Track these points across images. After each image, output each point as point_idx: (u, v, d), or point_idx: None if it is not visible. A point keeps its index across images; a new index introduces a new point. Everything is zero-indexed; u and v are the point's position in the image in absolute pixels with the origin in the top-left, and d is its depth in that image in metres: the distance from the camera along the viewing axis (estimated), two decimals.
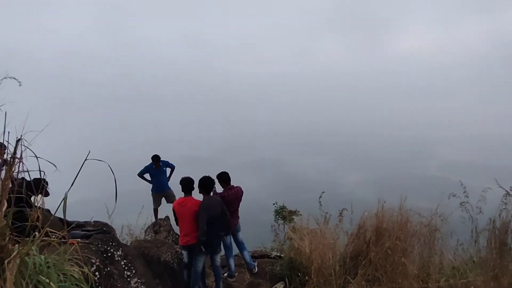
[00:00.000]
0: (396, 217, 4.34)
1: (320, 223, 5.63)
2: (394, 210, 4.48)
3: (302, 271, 4.52)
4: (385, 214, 4.64)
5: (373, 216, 4.51)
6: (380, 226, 4.48)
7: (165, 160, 6.50)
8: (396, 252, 4.00)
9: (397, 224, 4.24)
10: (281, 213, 8.51)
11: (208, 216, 4.31)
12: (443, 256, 4.92)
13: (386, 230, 4.23)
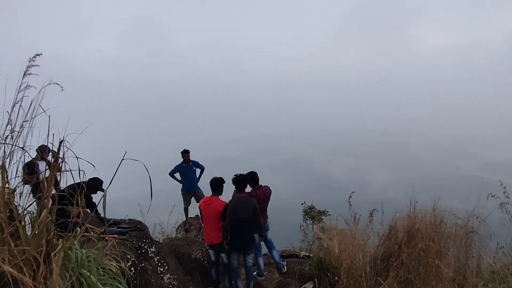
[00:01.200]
0: (429, 218, 4.20)
1: (349, 224, 5.56)
2: (427, 211, 4.34)
3: (331, 272, 4.49)
4: (417, 214, 4.51)
5: (405, 217, 4.39)
6: (412, 227, 4.36)
7: (195, 161, 6.69)
8: (429, 254, 3.87)
9: (430, 225, 4.10)
10: (310, 213, 8.46)
11: (235, 216, 4.38)
12: (481, 260, 4.72)
13: (419, 231, 4.11)
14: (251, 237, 4.62)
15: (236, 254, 4.63)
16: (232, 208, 4.45)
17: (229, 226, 4.40)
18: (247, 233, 4.54)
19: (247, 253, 4.63)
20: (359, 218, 5.74)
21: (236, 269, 4.62)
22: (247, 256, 4.64)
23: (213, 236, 4.54)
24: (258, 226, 4.60)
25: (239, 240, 4.50)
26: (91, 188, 3.95)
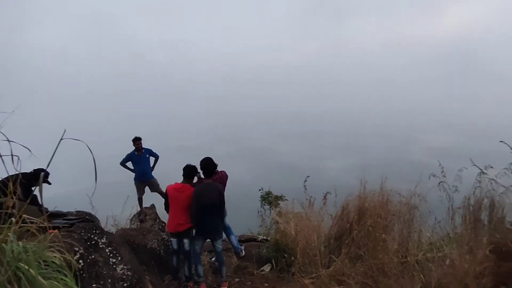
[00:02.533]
0: (377, 197, 4.49)
1: (305, 207, 5.76)
2: (375, 191, 4.63)
3: (288, 253, 4.65)
4: (367, 195, 4.80)
5: (355, 198, 4.65)
6: (362, 206, 4.63)
7: (148, 148, 6.42)
8: (377, 230, 4.16)
9: (378, 204, 4.39)
10: (267, 198, 8.63)
11: (202, 202, 4.34)
12: (422, 233, 5.16)
13: (368, 209, 4.39)
14: (219, 223, 4.62)
15: (201, 240, 4.61)
16: (199, 194, 4.40)
17: (196, 212, 4.36)
18: (215, 218, 4.53)
19: (215, 239, 4.61)
20: (314, 201, 5.95)
21: (199, 254, 4.60)
22: (216, 242, 4.62)
23: (183, 223, 4.47)
24: (222, 211, 4.61)
25: (207, 226, 4.47)
26: (34, 179, 3.67)
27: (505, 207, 4.92)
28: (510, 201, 4.97)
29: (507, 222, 4.97)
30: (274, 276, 4.66)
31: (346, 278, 3.73)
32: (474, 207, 4.99)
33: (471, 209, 4.99)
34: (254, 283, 4.56)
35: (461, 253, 4.18)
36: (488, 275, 3.82)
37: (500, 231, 4.56)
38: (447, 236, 5.30)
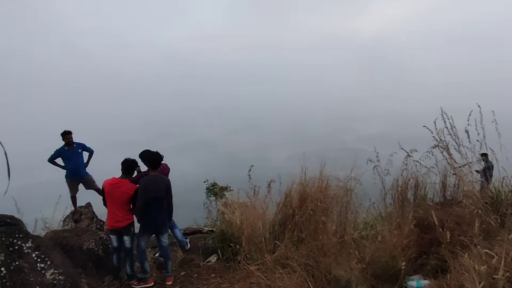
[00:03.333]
0: (317, 183, 4.70)
1: (250, 196, 5.83)
2: (316, 178, 4.85)
3: (233, 242, 4.67)
4: (308, 181, 5.01)
5: (298, 184, 4.82)
6: (304, 192, 4.83)
7: (81, 143, 5.86)
8: (317, 213, 4.37)
9: (318, 189, 4.60)
10: (212, 190, 8.58)
11: (148, 195, 4.14)
12: (358, 214, 5.56)
13: (309, 195, 4.58)
14: (165, 216, 4.45)
15: (147, 235, 4.42)
16: (145, 187, 4.18)
17: (143, 206, 4.15)
18: (161, 212, 4.35)
19: (161, 233, 4.43)
20: (259, 190, 6.03)
21: (145, 251, 4.41)
22: (162, 236, 4.44)
23: (121, 219, 4.22)
24: (169, 204, 4.46)
25: (155, 219, 4.29)
26: None
27: (427, 186, 5.51)
28: (431, 180, 5.58)
29: (428, 199, 5.56)
30: (221, 266, 4.66)
31: (290, 261, 3.88)
32: (401, 188, 5.49)
33: (399, 189, 5.50)
34: (201, 275, 4.52)
35: (391, 229, 4.59)
36: (412, 247, 4.25)
37: (423, 207, 5.09)
38: (380, 215, 5.77)
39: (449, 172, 5.24)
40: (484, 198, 4.65)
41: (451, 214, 4.60)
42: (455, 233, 4.11)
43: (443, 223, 4.44)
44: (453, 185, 5.47)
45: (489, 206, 4.52)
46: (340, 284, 3.34)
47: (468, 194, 4.84)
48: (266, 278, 3.75)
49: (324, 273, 3.51)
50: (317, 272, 3.58)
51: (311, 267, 3.70)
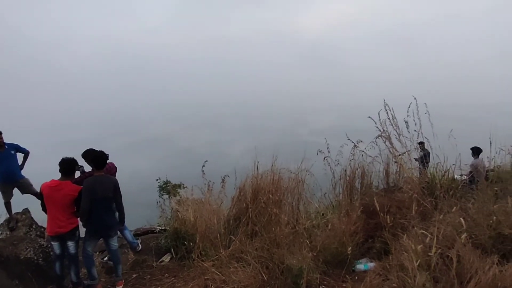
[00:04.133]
0: (269, 176, 4.77)
1: (204, 192, 5.75)
2: (268, 171, 4.92)
3: (187, 240, 4.58)
4: (261, 175, 5.07)
5: (251, 178, 4.85)
6: (257, 185, 4.87)
7: (13, 143, 5.28)
8: (269, 205, 4.43)
9: (270, 181, 4.67)
10: (165, 188, 8.32)
11: (95, 197, 3.86)
12: (310, 204, 5.75)
13: (262, 188, 4.63)
14: (114, 218, 4.19)
15: (94, 240, 4.13)
16: (90, 188, 3.87)
17: (88, 209, 3.87)
18: (110, 214, 4.09)
19: (110, 236, 4.16)
20: (213, 185, 5.97)
21: (92, 256, 4.14)
22: (111, 239, 4.17)
23: (64, 224, 3.89)
24: (119, 206, 4.20)
25: (105, 221, 4.01)
26: None
27: (372, 174, 5.86)
28: (375, 169, 5.95)
29: (374, 186, 5.93)
30: (175, 265, 4.55)
31: (244, 255, 3.91)
32: (349, 177, 5.79)
33: (347, 178, 5.80)
34: (154, 276, 4.37)
35: (340, 217, 4.83)
36: (360, 232, 4.50)
37: (369, 194, 5.42)
38: (331, 204, 6.03)
39: (391, 160, 5.63)
40: (421, 183, 5.07)
41: (393, 200, 4.95)
42: (396, 217, 4.43)
43: (386, 208, 4.78)
44: (395, 172, 5.91)
45: (426, 190, 4.94)
46: (293, 272, 3.43)
47: (407, 180, 5.25)
48: (221, 273, 3.73)
49: (277, 264, 3.58)
50: (271, 263, 3.64)
51: (265, 259, 3.75)
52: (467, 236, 3.13)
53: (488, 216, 3.46)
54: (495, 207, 3.56)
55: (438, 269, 3.02)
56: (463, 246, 3.08)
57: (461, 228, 3.23)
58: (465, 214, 3.84)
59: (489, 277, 2.64)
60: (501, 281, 2.59)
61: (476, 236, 3.33)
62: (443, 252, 3.16)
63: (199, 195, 5.83)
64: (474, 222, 3.55)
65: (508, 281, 2.59)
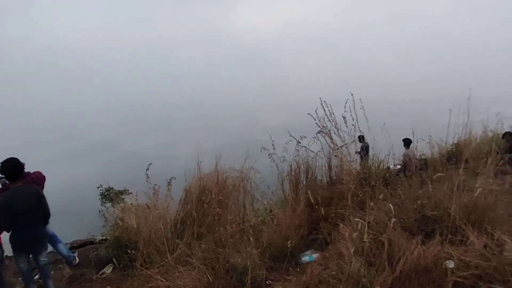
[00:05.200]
0: (213, 176, 4.73)
1: (150, 197, 5.54)
2: (213, 171, 4.88)
3: (130, 248, 4.37)
4: (207, 175, 5.01)
5: (196, 180, 4.77)
6: (204, 186, 4.82)
7: None
8: (212, 206, 4.40)
9: (214, 182, 4.64)
10: (108, 195, 7.86)
11: (15, 212, 3.46)
12: (257, 201, 5.81)
13: (207, 188, 4.58)
14: (40, 231, 3.78)
15: (24, 255, 3.71)
16: (8, 202, 3.45)
17: (8, 225, 3.48)
18: (38, 226, 3.68)
19: (39, 252, 3.76)
20: (159, 189, 5.78)
21: (27, 272, 3.74)
22: (41, 255, 3.77)
23: None
24: (46, 214, 3.80)
25: (26, 237, 3.61)
26: None
27: (316, 168, 6.09)
28: (319, 163, 6.18)
29: (318, 180, 6.16)
30: (118, 276, 4.30)
31: (190, 258, 3.83)
32: (295, 172, 5.97)
33: (293, 173, 5.96)
34: None
35: (286, 211, 4.95)
36: (304, 225, 4.65)
37: (313, 188, 5.63)
38: (278, 200, 6.15)
39: (332, 154, 5.90)
40: (359, 174, 5.39)
41: (335, 192, 5.19)
42: (337, 207, 4.66)
43: (328, 200, 4.99)
44: (337, 166, 6.20)
45: (364, 181, 5.26)
46: (237, 271, 3.44)
47: (347, 173, 5.54)
48: (166, 279, 3.62)
49: (223, 264, 3.57)
50: (216, 263, 3.61)
51: (211, 260, 3.71)
52: (396, 220, 3.38)
53: (414, 201, 3.77)
54: (420, 192, 3.89)
55: (372, 254, 3.23)
56: (393, 230, 3.32)
57: (391, 213, 3.47)
58: (397, 200, 4.16)
59: (414, 256, 2.88)
60: (424, 259, 2.84)
61: (404, 220, 3.61)
62: (376, 237, 3.38)
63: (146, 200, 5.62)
64: (403, 207, 3.85)
65: (429, 259, 2.85)
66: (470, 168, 4.69)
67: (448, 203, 3.46)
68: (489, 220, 3.34)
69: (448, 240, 3.15)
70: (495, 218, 3.37)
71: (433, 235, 3.30)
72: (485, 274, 2.62)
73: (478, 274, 2.64)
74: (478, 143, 8.13)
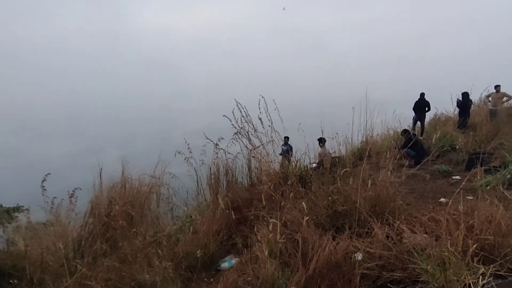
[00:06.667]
0: (119, 184, 4.27)
1: (48, 212, 4.78)
2: (119, 180, 4.41)
3: (15, 276, 3.66)
4: (114, 185, 4.51)
5: (97, 191, 4.24)
6: (109, 197, 4.32)
7: None
8: (117, 218, 3.95)
9: (121, 191, 4.18)
10: None
11: None
12: (178, 208, 5.48)
13: (114, 199, 4.10)
14: None
15: None
16: None
17: None
18: None
19: None
20: (61, 203, 5.02)
21: None
22: None
23: None
24: None
25: None
26: None
27: (236, 170, 5.99)
28: (239, 165, 6.09)
29: (239, 182, 6.07)
30: None
31: (88, 280, 3.34)
32: (214, 175, 5.78)
33: (213, 177, 5.76)
34: None
35: (205, 215, 4.73)
36: (224, 229, 4.48)
37: (233, 190, 5.51)
38: (200, 205, 5.87)
39: (250, 155, 5.86)
40: (278, 174, 5.44)
41: (254, 193, 5.14)
42: (256, 209, 4.59)
43: (248, 202, 4.91)
44: (256, 167, 6.19)
45: (282, 180, 5.32)
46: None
47: (266, 173, 5.55)
48: None
49: (128, 282, 3.18)
50: (120, 283, 3.20)
51: (114, 280, 3.28)
52: (309, 218, 3.42)
53: (325, 197, 3.89)
54: (331, 188, 4.03)
55: (288, 254, 3.20)
56: (307, 228, 3.35)
57: (305, 211, 3.51)
58: (313, 197, 4.26)
59: (326, 253, 2.92)
60: (335, 255, 2.89)
61: (317, 217, 3.69)
62: (291, 237, 3.38)
63: (46, 217, 4.83)
64: (316, 204, 3.94)
65: (340, 253, 2.92)
66: (374, 163, 5.08)
67: (356, 197, 3.63)
68: (390, 210, 3.58)
69: (356, 233, 3.29)
70: (395, 208, 3.64)
71: (344, 229, 3.42)
72: (387, 263, 2.77)
73: (382, 264, 2.77)
74: (383, 140, 9.05)
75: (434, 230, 3.05)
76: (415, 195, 5.08)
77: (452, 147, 8.04)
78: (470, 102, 10.91)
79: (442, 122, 11.23)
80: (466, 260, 2.41)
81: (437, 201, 4.64)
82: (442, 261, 2.44)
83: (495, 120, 9.59)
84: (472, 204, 3.42)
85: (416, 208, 3.97)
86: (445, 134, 8.54)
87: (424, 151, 7.65)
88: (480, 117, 10.59)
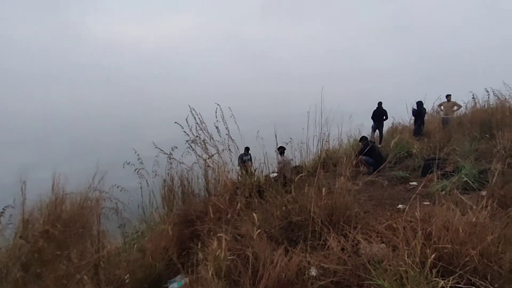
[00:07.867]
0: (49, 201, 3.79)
1: None
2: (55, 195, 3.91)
3: None
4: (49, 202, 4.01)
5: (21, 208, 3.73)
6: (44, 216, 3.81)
7: None
8: (41, 240, 3.47)
9: (51, 209, 3.70)
10: None
11: None
12: (129, 222, 5.01)
13: (37, 221, 3.60)
14: None
15: None
16: None
17: None
18: None
19: None
20: None
21: None
22: None
23: None
24: None
25: None
26: None
27: (192, 180, 5.65)
28: (195, 176, 5.76)
29: (196, 194, 5.72)
30: None
31: None
32: (168, 187, 5.40)
33: (166, 188, 5.38)
34: None
35: (153, 233, 4.33)
36: (174, 246, 4.11)
37: (188, 201, 5.17)
38: (151, 219, 5.44)
39: (205, 165, 5.55)
40: (235, 184, 5.18)
41: (211, 205, 4.83)
42: (211, 223, 4.28)
43: (203, 215, 4.58)
44: (214, 177, 5.88)
45: (239, 190, 5.06)
46: None
47: (223, 184, 5.27)
48: None
49: None
50: None
51: None
52: (261, 231, 3.18)
53: (280, 207, 3.68)
54: (286, 197, 3.83)
55: (237, 272, 2.93)
56: (259, 241, 3.10)
57: (256, 223, 3.26)
58: (268, 208, 4.02)
59: (277, 270, 2.68)
60: (286, 272, 2.66)
61: (270, 229, 3.46)
62: (243, 252, 3.11)
63: None
64: (272, 214, 3.71)
65: (292, 271, 2.69)
66: (331, 172, 4.97)
67: (311, 207, 3.45)
68: (346, 219, 3.43)
69: (311, 245, 3.10)
70: (351, 217, 3.50)
71: (298, 242, 3.22)
72: (343, 279, 2.59)
73: (337, 281, 2.59)
74: (345, 148, 9.12)
75: (391, 240, 2.94)
76: (374, 202, 5.02)
77: (408, 153, 8.24)
78: (424, 110, 11.37)
79: (399, 131, 11.60)
80: (424, 273, 2.29)
81: (395, 207, 4.61)
82: (399, 275, 2.30)
83: (447, 128, 10.01)
84: (429, 210, 3.37)
85: (373, 216, 3.85)
86: (402, 141, 8.76)
87: (382, 158, 7.74)
88: (433, 125, 11.02)
